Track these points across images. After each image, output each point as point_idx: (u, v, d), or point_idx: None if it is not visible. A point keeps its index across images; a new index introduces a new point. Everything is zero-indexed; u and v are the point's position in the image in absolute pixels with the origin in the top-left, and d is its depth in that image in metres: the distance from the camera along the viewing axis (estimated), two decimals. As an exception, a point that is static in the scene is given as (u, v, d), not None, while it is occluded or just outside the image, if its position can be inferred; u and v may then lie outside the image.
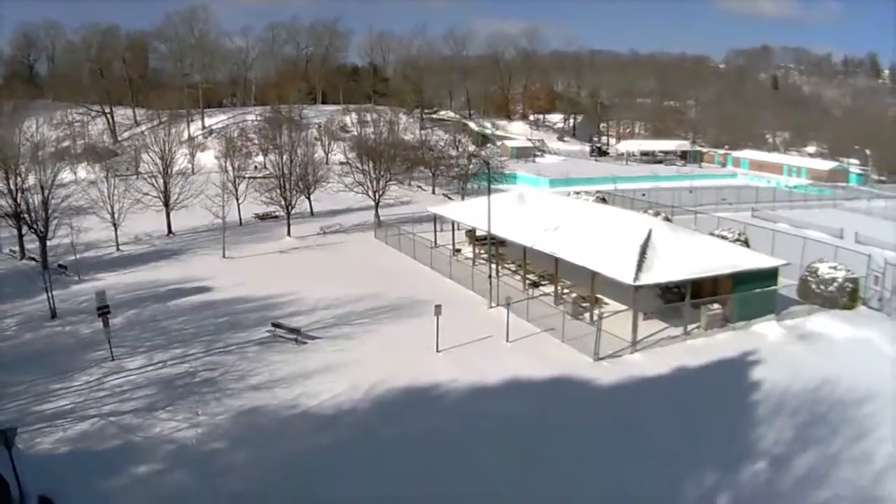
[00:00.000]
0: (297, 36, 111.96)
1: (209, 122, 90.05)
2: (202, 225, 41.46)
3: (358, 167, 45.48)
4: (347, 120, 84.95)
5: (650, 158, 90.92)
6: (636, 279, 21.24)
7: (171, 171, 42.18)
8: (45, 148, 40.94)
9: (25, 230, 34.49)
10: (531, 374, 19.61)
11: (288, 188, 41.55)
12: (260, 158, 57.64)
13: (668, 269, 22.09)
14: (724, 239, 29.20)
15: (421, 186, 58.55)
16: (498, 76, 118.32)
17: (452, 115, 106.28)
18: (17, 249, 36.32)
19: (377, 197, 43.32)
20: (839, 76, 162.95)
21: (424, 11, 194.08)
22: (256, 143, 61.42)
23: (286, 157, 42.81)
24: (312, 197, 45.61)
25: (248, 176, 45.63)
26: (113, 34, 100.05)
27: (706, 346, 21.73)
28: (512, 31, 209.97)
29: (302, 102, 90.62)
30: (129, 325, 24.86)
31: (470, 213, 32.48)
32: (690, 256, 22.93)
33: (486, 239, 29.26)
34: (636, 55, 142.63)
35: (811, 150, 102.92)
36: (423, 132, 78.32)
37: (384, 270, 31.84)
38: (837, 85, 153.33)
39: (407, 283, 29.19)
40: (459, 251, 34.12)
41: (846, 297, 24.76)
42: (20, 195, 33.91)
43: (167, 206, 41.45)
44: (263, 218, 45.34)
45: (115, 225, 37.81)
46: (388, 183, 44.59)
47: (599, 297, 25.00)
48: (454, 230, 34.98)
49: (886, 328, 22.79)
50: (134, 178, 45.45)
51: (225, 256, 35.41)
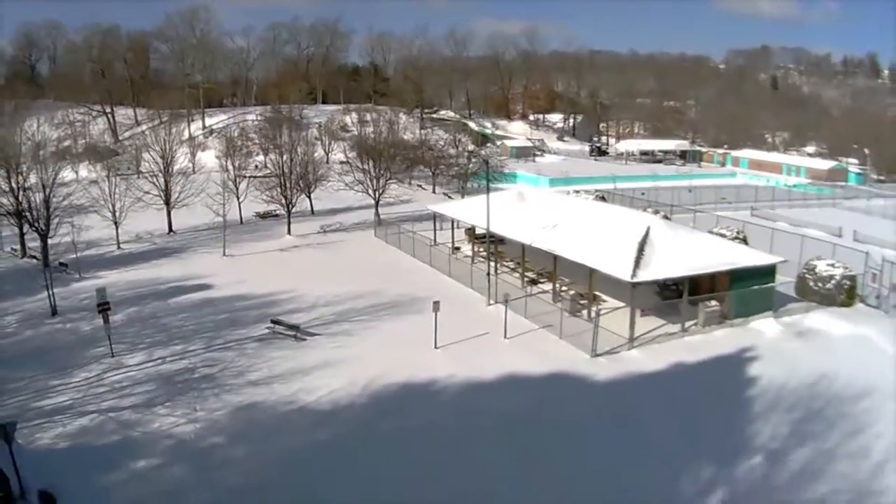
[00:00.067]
0: (297, 36, 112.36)
1: (210, 121, 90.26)
2: (203, 223, 41.61)
3: (358, 166, 45.60)
4: (348, 120, 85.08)
5: (649, 158, 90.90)
6: (634, 276, 21.30)
7: (171, 170, 42.34)
8: (46, 147, 41.08)
9: (27, 228, 34.64)
10: (529, 370, 19.69)
11: (288, 187, 41.71)
12: (260, 158, 57.92)
13: (665, 266, 22.15)
14: (722, 237, 29.26)
15: (421, 185, 58.64)
16: (498, 76, 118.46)
17: (452, 114, 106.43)
18: (18, 248, 36.46)
19: (377, 195, 43.46)
20: (839, 76, 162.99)
21: (425, 11, 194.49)
22: (257, 142, 61.54)
23: (286, 156, 42.98)
24: (313, 196, 45.76)
25: (248, 175, 45.80)
26: (114, 34, 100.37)
27: (704, 342, 21.79)
28: (512, 31, 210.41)
29: (302, 102, 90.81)
30: (129, 322, 24.95)
31: (469, 211, 32.55)
32: (688, 254, 22.98)
33: (485, 237, 29.33)
34: (636, 55, 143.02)
35: (810, 149, 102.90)
36: (423, 132, 78.38)
37: (384, 268, 31.93)
38: (837, 85, 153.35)
39: (406, 280, 29.28)
40: (459, 249, 34.20)
41: (844, 294, 24.81)
42: (22, 194, 34.09)
43: (168, 204, 41.59)
44: (264, 216, 45.49)
45: (116, 223, 37.93)
46: (387, 182, 44.71)
47: (597, 294, 25.06)
48: (454, 228, 35.05)
49: (884, 325, 22.85)
50: (135, 177, 45.55)
51: (225, 254, 35.51)
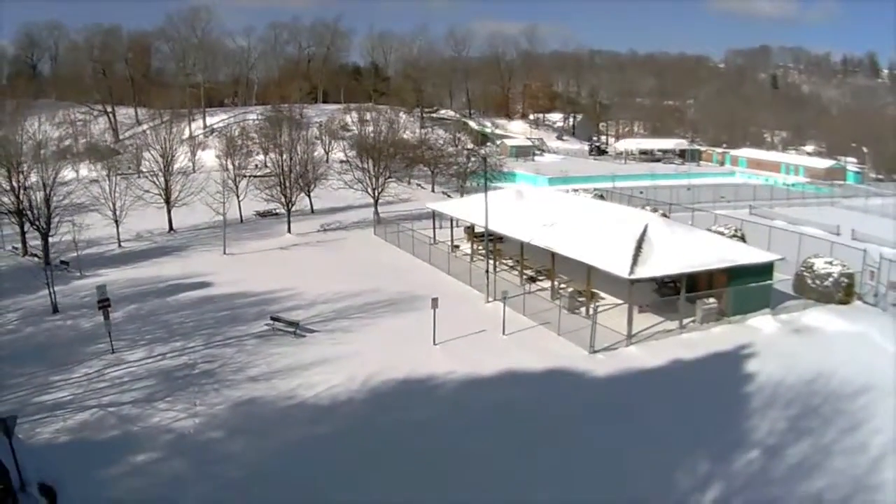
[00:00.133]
0: (298, 36, 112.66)
1: (211, 121, 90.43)
2: (203, 222, 41.80)
3: (358, 165, 45.73)
4: (348, 119, 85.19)
5: (648, 157, 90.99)
6: (631, 273, 21.38)
7: (171, 168, 42.47)
8: (47, 146, 41.22)
9: (28, 227, 34.84)
10: (527, 366, 19.77)
11: (288, 186, 41.83)
12: (260, 157, 58.05)
13: (663, 263, 22.23)
14: (720, 235, 29.30)
15: (420, 184, 58.77)
16: (498, 76, 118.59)
17: (453, 114, 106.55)
18: (19, 246, 36.60)
19: (376, 194, 43.58)
20: (838, 75, 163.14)
21: (425, 11, 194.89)
22: (257, 141, 61.67)
23: (286, 155, 43.10)
24: (313, 194, 45.91)
25: (248, 175, 45.92)
26: (115, 34, 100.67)
27: (701, 339, 21.82)
28: (512, 31, 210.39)
29: (303, 102, 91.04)
30: (129, 319, 25.07)
31: (468, 209, 32.63)
32: (686, 251, 23.03)
33: (484, 235, 29.40)
34: (635, 55, 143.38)
35: (809, 149, 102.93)
36: (423, 131, 78.49)
37: (383, 266, 32.03)
38: (836, 84, 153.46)
39: (405, 278, 29.38)
40: (458, 247, 34.28)
41: (841, 291, 24.78)
42: (23, 192, 34.23)
43: (168, 203, 41.75)
44: (264, 215, 45.63)
45: (116, 222, 38.10)
46: (386, 180, 44.83)
47: (596, 291, 25.13)
48: (453, 227, 35.14)
49: (882, 323, 22.85)
50: (136, 176, 45.71)
51: (225, 253, 35.63)
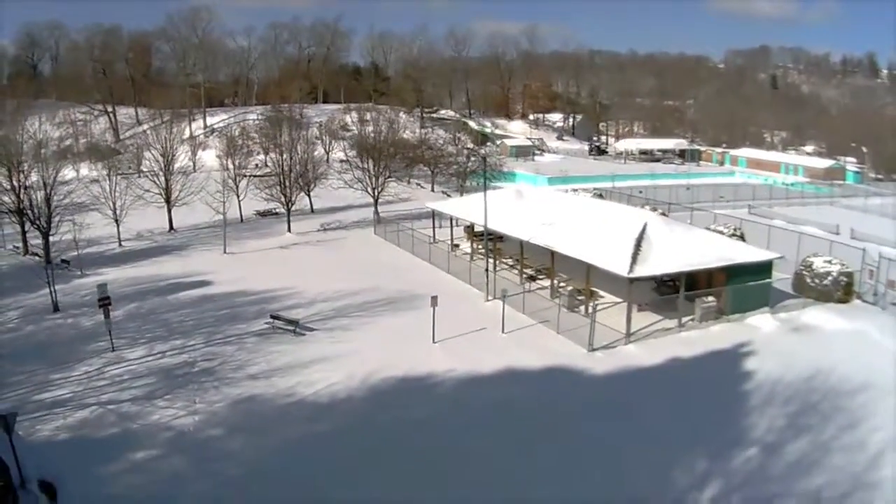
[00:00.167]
0: (298, 36, 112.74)
1: (211, 121, 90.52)
2: (203, 221, 41.88)
3: (357, 165, 45.80)
4: (348, 119, 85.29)
5: (648, 157, 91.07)
6: (630, 271, 21.41)
7: (172, 168, 42.54)
8: (47, 146, 41.31)
9: (28, 226, 34.92)
10: (526, 364, 19.82)
11: (288, 185, 41.89)
12: (261, 157, 58.13)
13: (662, 261, 22.26)
14: (719, 234, 29.32)
15: (420, 184, 58.83)
16: (498, 76, 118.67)
17: (453, 114, 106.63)
18: (20, 245, 36.66)
19: (376, 194, 43.65)
20: (837, 76, 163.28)
21: (425, 11, 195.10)
22: (258, 141, 61.77)
23: (286, 154, 43.17)
24: (313, 194, 45.98)
25: (248, 175, 45.99)
26: (116, 34, 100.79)
27: (700, 337, 21.86)
28: (512, 31, 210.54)
29: (303, 102, 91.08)
30: (129, 317, 25.12)
31: (468, 208, 32.68)
32: (685, 250, 23.07)
33: (483, 234, 29.45)
34: (635, 55, 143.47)
35: (809, 149, 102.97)
36: (423, 131, 78.59)
37: (383, 265, 32.08)
38: (836, 84, 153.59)
39: (405, 277, 29.43)
40: (458, 246, 34.32)
41: (841, 290, 24.79)
42: (23, 192, 34.30)
43: (168, 202, 41.82)
44: (264, 215, 45.71)
45: (117, 221, 38.15)
46: (386, 179, 44.90)
47: (595, 290, 25.15)
48: (452, 226, 35.19)
49: (881, 321, 22.87)
50: (136, 176, 45.79)
51: (226, 252, 35.69)
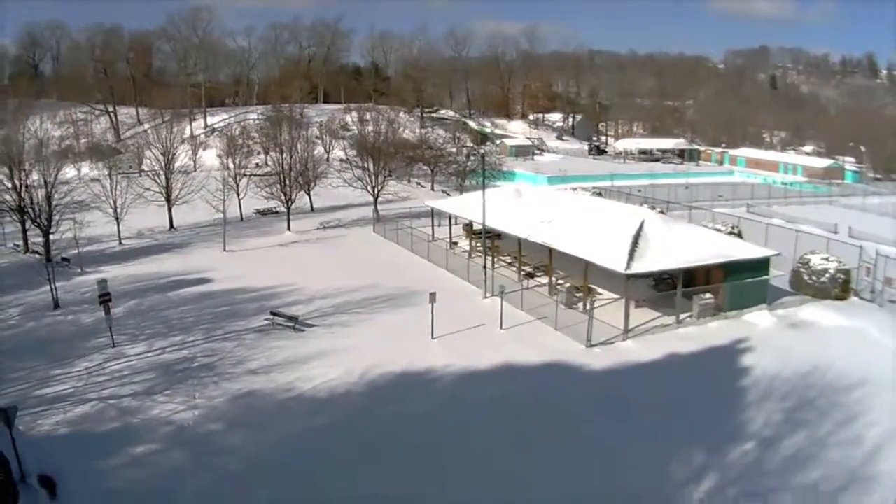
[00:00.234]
0: (298, 36, 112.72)
1: (212, 120, 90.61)
2: (204, 220, 42.00)
3: (357, 164, 45.95)
4: (348, 119, 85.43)
5: (648, 157, 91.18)
6: (628, 268, 21.51)
7: (172, 166, 42.68)
8: (48, 145, 41.42)
9: (29, 224, 35.05)
10: (524, 359, 19.91)
11: (288, 184, 42.03)
12: (261, 157, 58.25)
13: (660, 258, 22.36)
14: (717, 232, 29.40)
15: (420, 183, 58.95)
16: (498, 76, 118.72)
17: (453, 113, 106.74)
18: (20, 243, 36.78)
19: (376, 192, 43.79)
20: (837, 76, 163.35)
21: (425, 11, 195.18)
22: (258, 141, 61.89)
23: (286, 153, 43.32)
24: (313, 193, 46.10)
25: (248, 174, 46.13)
26: (117, 34, 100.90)
27: (698, 333, 21.97)
28: (512, 31, 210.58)
29: (304, 101, 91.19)
30: (130, 314, 25.22)
31: (467, 206, 32.78)
32: (683, 246, 23.17)
33: (482, 232, 29.55)
34: (635, 55, 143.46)
35: (808, 149, 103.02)
36: (423, 131, 78.71)
37: (382, 263, 32.20)
38: (835, 85, 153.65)
39: (404, 274, 29.55)
40: (456, 244, 34.41)
41: (838, 287, 24.90)
42: (24, 190, 34.43)
43: (169, 201, 41.94)
44: (264, 213, 45.85)
45: (117, 219, 38.27)
46: (386, 178, 45.04)
47: (593, 287, 25.26)
48: (451, 224, 35.31)
49: (878, 318, 22.92)
50: (137, 175, 45.91)
51: (226, 250, 35.82)
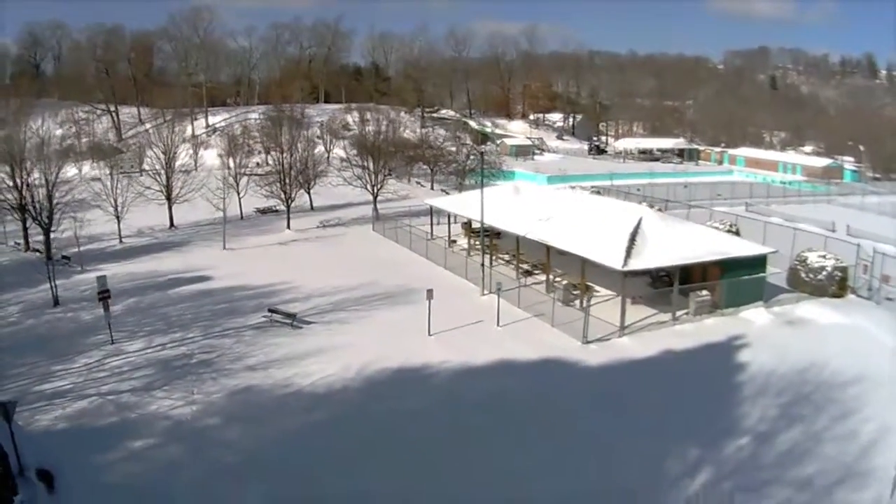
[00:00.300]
0: (299, 36, 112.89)
1: (213, 120, 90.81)
2: (204, 219, 42.13)
3: (357, 163, 46.10)
4: (349, 118, 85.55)
5: (647, 156, 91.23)
6: (625, 265, 21.57)
7: (173, 165, 42.82)
8: (49, 145, 41.53)
9: (30, 223, 35.19)
10: (521, 356, 20.01)
11: (288, 183, 42.16)
12: (262, 156, 58.37)
13: (657, 255, 22.41)
14: (715, 230, 29.42)
15: (420, 182, 59.07)
16: (498, 76, 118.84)
17: (453, 113, 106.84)
18: (21, 241, 36.93)
19: (376, 191, 43.90)
20: (836, 76, 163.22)
21: (425, 11, 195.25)
22: (259, 140, 62.01)
23: (286, 153, 43.45)
24: (313, 192, 46.23)
25: (249, 173, 46.27)
26: (118, 34, 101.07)
27: (694, 330, 22.03)
28: (512, 31, 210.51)
29: (305, 101, 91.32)
30: (129, 311, 25.32)
31: (466, 205, 32.83)
32: (680, 244, 23.23)
33: (480, 230, 29.62)
34: (635, 56, 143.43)
35: (808, 149, 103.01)
36: (423, 130, 78.83)
37: (381, 261, 32.30)
38: (835, 85, 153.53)
39: (402, 272, 29.65)
40: (455, 242, 34.53)
41: (835, 285, 24.92)
42: (26, 189, 34.58)
43: (169, 200, 42.08)
44: (264, 212, 45.98)
45: (118, 218, 38.41)
46: (385, 177, 45.16)
47: (590, 284, 25.33)
48: (450, 222, 35.42)
49: (875, 315, 22.96)
50: (138, 174, 46.06)
51: (225, 248, 35.97)
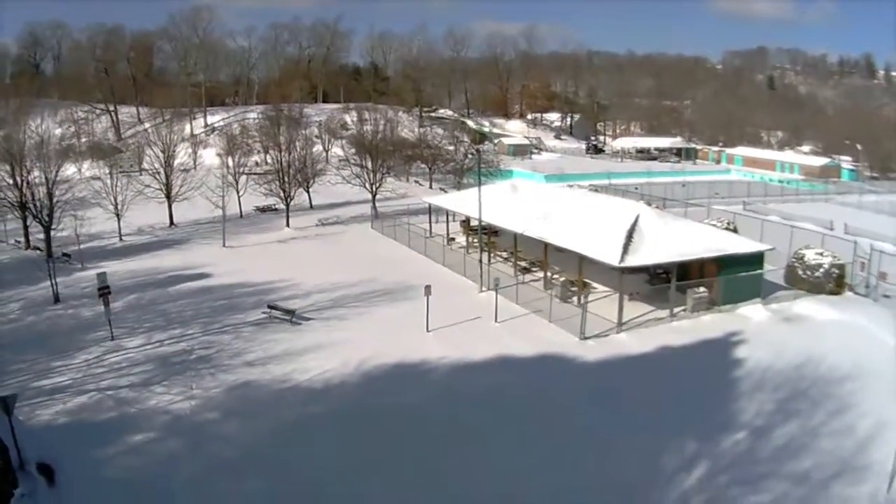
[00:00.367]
0: (298, 36, 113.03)
1: (212, 119, 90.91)
2: (204, 217, 42.20)
3: (356, 162, 46.21)
4: (348, 118, 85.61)
5: (645, 155, 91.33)
6: (622, 261, 21.67)
7: (172, 163, 42.91)
8: (49, 143, 41.57)
9: (31, 221, 35.28)
10: (519, 351, 20.09)
11: (287, 181, 42.25)
12: (260, 156, 58.41)
13: (654, 252, 22.51)
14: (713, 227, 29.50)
15: (418, 181, 59.18)
16: (496, 76, 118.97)
17: (451, 113, 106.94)
18: (22, 239, 37.01)
19: (374, 189, 44.02)
20: (834, 76, 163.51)
21: (424, 11, 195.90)
22: (258, 139, 62.07)
23: (285, 151, 43.56)
24: (311, 190, 46.32)
25: (247, 172, 46.38)
26: (118, 34, 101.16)
27: (691, 326, 22.10)
28: (510, 31, 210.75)
29: (303, 101, 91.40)
30: (129, 308, 25.41)
31: (464, 203, 32.88)
32: (677, 241, 23.31)
33: (478, 227, 29.71)
34: (633, 56, 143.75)
35: (806, 149, 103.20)
36: (422, 130, 78.93)
37: (379, 258, 32.40)
38: (833, 85, 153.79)
39: (401, 269, 29.74)
40: (453, 240, 34.64)
41: (832, 282, 25.00)
42: (26, 187, 34.67)
43: (169, 198, 42.17)
44: (263, 210, 46.08)
45: (118, 216, 38.51)
46: (384, 176, 45.27)
47: (588, 281, 25.44)
48: (448, 220, 35.54)
49: (872, 312, 23.00)
50: (137, 173, 46.13)
51: (225, 246, 36.06)
